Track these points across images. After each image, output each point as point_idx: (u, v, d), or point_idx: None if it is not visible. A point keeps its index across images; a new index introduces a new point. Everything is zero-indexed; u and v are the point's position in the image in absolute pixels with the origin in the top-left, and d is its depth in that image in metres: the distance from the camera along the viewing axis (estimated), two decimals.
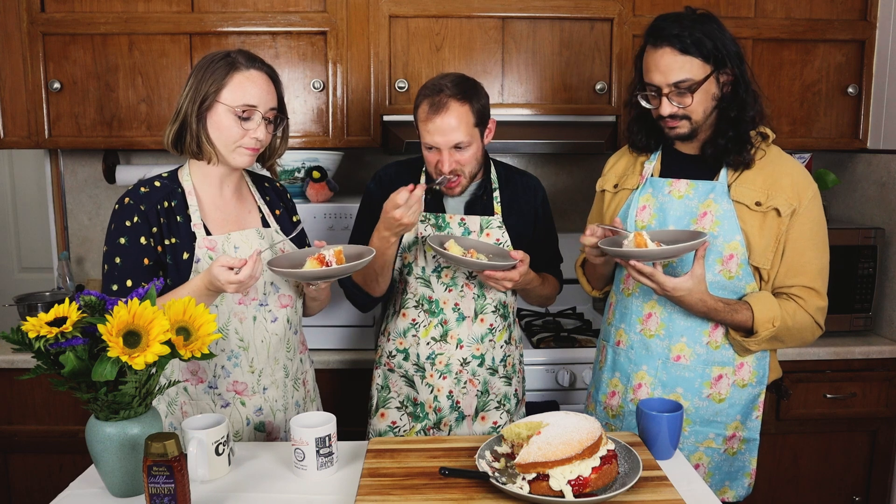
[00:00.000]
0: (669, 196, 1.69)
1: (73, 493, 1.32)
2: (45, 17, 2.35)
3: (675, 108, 1.60)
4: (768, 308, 1.60)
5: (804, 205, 1.62)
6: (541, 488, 1.20)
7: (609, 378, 1.80)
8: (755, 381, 1.69)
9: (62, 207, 2.79)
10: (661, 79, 1.58)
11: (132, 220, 1.53)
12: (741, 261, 1.63)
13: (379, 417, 1.90)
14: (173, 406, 1.61)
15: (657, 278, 1.53)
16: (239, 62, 1.53)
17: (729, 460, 1.73)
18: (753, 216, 1.62)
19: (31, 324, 1.17)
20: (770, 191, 1.62)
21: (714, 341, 1.67)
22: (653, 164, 1.74)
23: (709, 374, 1.67)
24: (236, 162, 1.56)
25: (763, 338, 1.60)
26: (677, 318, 1.67)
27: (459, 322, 1.82)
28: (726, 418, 1.69)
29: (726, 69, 1.59)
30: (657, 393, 1.70)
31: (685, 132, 1.64)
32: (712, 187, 1.65)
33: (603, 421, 1.81)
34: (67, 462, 2.33)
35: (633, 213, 1.72)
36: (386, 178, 1.90)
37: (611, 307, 1.83)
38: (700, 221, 1.64)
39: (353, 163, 2.81)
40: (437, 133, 1.68)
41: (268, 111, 1.56)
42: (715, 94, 1.60)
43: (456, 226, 1.82)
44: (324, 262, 1.51)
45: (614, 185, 1.82)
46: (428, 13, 2.40)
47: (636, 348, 1.73)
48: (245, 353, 1.60)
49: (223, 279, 1.41)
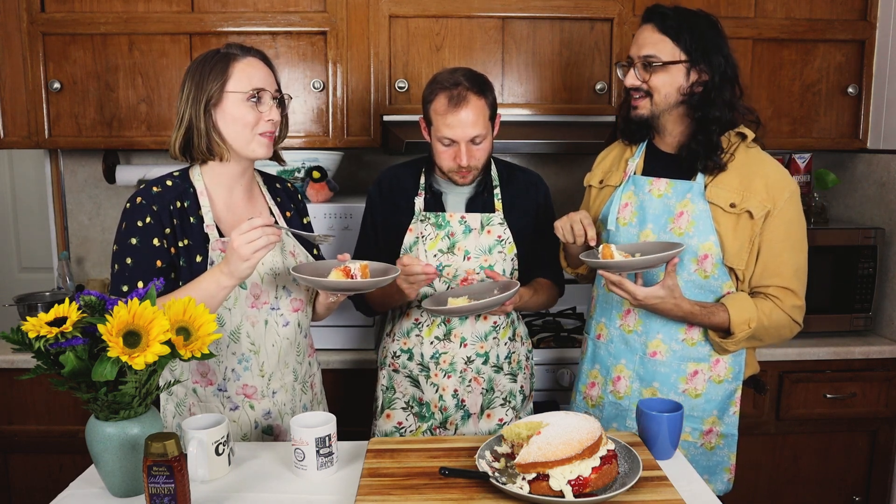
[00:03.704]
0: (649, 195, 1.72)
1: (73, 493, 1.32)
2: (45, 17, 2.35)
3: (636, 81, 1.66)
4: (744, 309, 1.62)
5: (779, 206, 1.63)
6: (541, 488, 1.20)
7: (589, 369, 1.85)
8: (731, 376, 1.72)
9: (62, 207, 2.79)
10: (635, 50, 1.67)
11: (144, 220, 1.51)
12: (716, 261, 1.65)
13: (385, 418, 1.89)
14: (182, 407, 1.61)
15: (626, 287, 1.57)
16: (234, 53, 1.54)
17: (707, 455, 1.75)
18: (727, 217, 1.64)
19: (31, 324, 1.17)
20: (745, 192, 1.64)
21: (690, 338, 1.70)
22: (636, 161, 1.77)
23: (684, 369, 1.71)
24: (256, 153, 1.55)
25: (740, 338, 1.63)
26: (654, 316, 1.70)
27: (462, 320, 1.82)
28: (702, 413, 1.72)
29: (701, 68, 1.62)
30: (635, 386, 1.74)
31: (645, 114, 1.68)
32: (689, 187, 1.67)
33: (582, 410, 1.84)
34: (67, 462, 2.33)
35: (616, 210, 1.76)
36: (385, 181, 1.91)
37: (592, 300, 1.88)
38: (676, 221, 1.67)
39: (353, 163, 2.81)
40: (458, 127, 1.69)
41: (274, 92, 1.57)
42: (682, 87, 1.64)
43: (456, 224, 1.82)
44: (349, 275, 1.51)
45: (599, 181, 1.86)
46: (428, 13, 2.40)
47: (615, 342, 1.77)
48: (256, 356, 1.60)
49: (236, 236, 1.39)
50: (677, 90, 1.64)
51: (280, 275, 1.61)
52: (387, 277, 1.55)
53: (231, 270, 1.42)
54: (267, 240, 1.40)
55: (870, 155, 2.58)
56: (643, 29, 1.66)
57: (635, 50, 1.66)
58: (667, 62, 1.62)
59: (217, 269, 1.45)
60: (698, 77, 1.63)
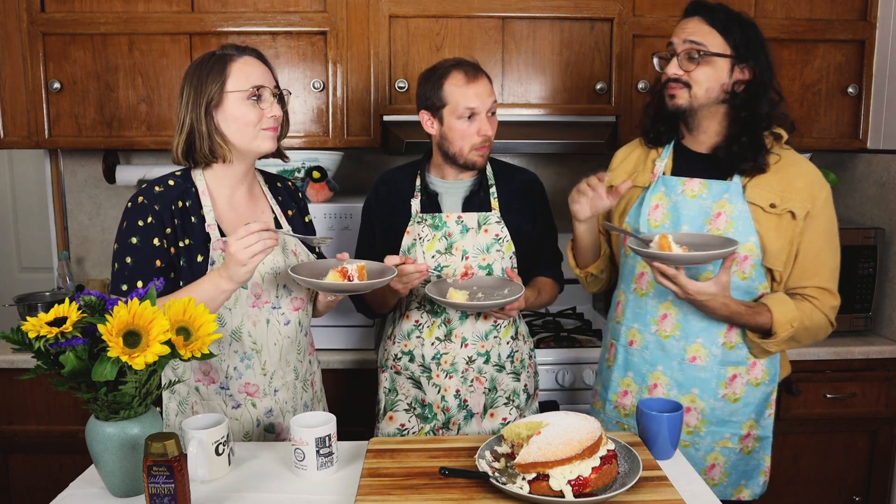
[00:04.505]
0: (683, 195, 1.68)
1: (73, 493, 1.32)
2: (45, 17, 2.35)
3: (679, 70, 1.61)
4: (787, 309, 1.60)
5: (818, 206, 1.62)
6: (541, 488, 1.20)
7: (621, 377, 1.78)
8: (768, 379, 1.69)
9: (62, 207, 2.79)
10: (678, 38, 1.62)
11: (146, 220, 1.52)
12: (755, 262, 1.62)
13: (387, 421, 1.89)
14: (184, 405, 1.61)
15: (680, 281, 1.52)
16: (231, 54, 1.55)
17: (744, 459, 1.73)
18: (768, 218, 1.61)
19: (31, 324, 1.17)
20: (785, 192, 1.61)
21: (729, 342, 1.66)
22: (664, 161, 1.73)
23: (724, 374, 1.67)
24: (262, 147, 1.56)
25: (782, 339, 1.60)
26: (693, 320, 1.66)
27: (463, 320, 1.82)
28: (741, 417, 1.69)
29: (746, 65, 1.59)
30: (673, 394, 1.69)
31: (683, 104, 1.63)
32: (726, 188, 1.63)
33: (614, 419, 1.80)
34: (67, 462, 2.33)
35: (646, 212, 1.71)
36: (382, 185, 1.92)
37: (619, 305, 1.81)
38: (714, 222, 1.63)
39: (353, 163, 2.81)
40: (481, 95, 1.74)
41: (273, 88, 1.57)
42: (725, 84, 1.60)
43: (453, 224, 1.82)
44: (346, 276, 1.52)
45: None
46: (428, 13, 2.40)
47: (651, 349, 1.72)
48: (258, 355, 1.61)
49: (233, 242, 1.40)
50: (720, 86, 1.60)
51: (281, 274, 1.62)
52: (383, 279, 1.55)
53: (230, 275, 1.43)
54: (263, 244, 1.41)
55: (870, 155, 2.58)
56: (689, 21, 1.61)
57: (679, 38, 1.61)
58: (714, 53, 1.58)
59: (216, 273, 1.46)
60: (741, 75, 1.60)
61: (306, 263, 1.62)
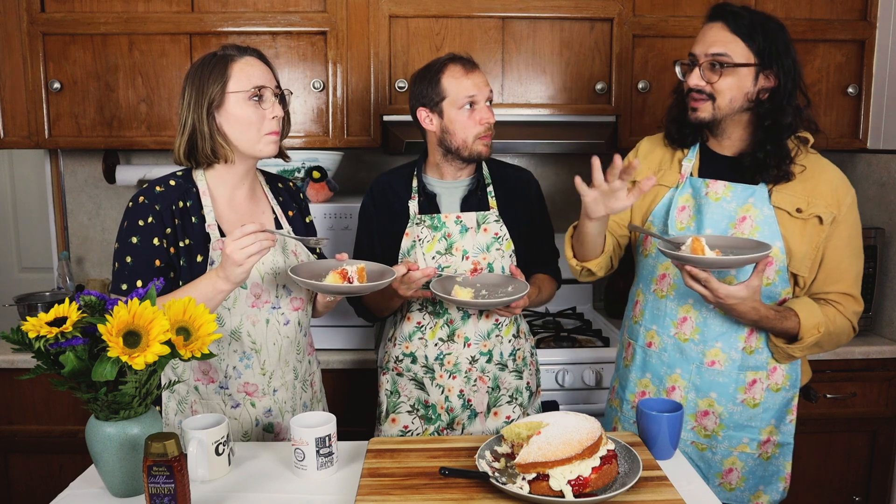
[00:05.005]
0: (706, 198, 1.65)
1: (73, 493, 1.32)
2: (45, 17, 2.35)
3: (701, 81, 1.58)
4: (813, 314, 1.58)
5: (843, 211, 1.60)
6: (541, 488, 1.20)
7: (638, 378, 1.77)
8: (788, 384, 1.67)
9: (62, 207, 2.79)
10: (701, 48, 1.58)
11: (146, 219, 1.52)
12: (780, 267, 1.61)
13: (390, 423, 1.89)
14: (183, 405, 1.61)
15: (711, 285, 1.49)
16: (231, 54, 1.55)
17: (763, 465, 1.71)
18: (794, 223, 1.60)
19: (31, 324, 1.17)
20: (811, 197, 1.59)
21: (749, 346, 1.64)
22: (692, 162, 1.70)
23: (743, 379, 1.65)
24: (264, 152, 1.57)
25: (808, 344, 1.58)
26: (713, 323, 1.64)
27: (465, 320, 1.82)
28: (760, 423, 1.67)
29: (770, 72, 1.56)
30: (690, 397, 1.68)
31: (706, 117, 1.60)
32: (752, 191, 1.61)
33: (630, 419, 1.78)
34: (67, 462, 2.33)
35: (674, 213, 1.69)
36: (378, 189, 1.91)
37: (637, 305, 1.79)
38: (738, 226, 1.61)
39: (353, 163, 2.81)
40: (478, 85, 1.76)
41: (275, 88, 1.58)
42: (749, 93, 1.57)
43: (452, 224, 1.82)
44: (346, 278, 1.52)
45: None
46: (428, 13, 2.40)
47: (670, 351, 1.70)
48: (257, 355, 1.61)
49: (229, 242, 1.41)
50: (744, 95, 1.57)
51: (280, 274, 1.62)
52: (382, 282, 1.55)
53: (227, 275, 1.44)
54: (259, 245, 1.42)
55: (870, 155, 2.58)
56: (711, 27, 1.57)
57: (702, 48, 1.57)
58: (738, 63, 1.54)
59: (213, 273, 1.46)
60: (765, 82, 1.57)
61: (306, 264, 1.62)
